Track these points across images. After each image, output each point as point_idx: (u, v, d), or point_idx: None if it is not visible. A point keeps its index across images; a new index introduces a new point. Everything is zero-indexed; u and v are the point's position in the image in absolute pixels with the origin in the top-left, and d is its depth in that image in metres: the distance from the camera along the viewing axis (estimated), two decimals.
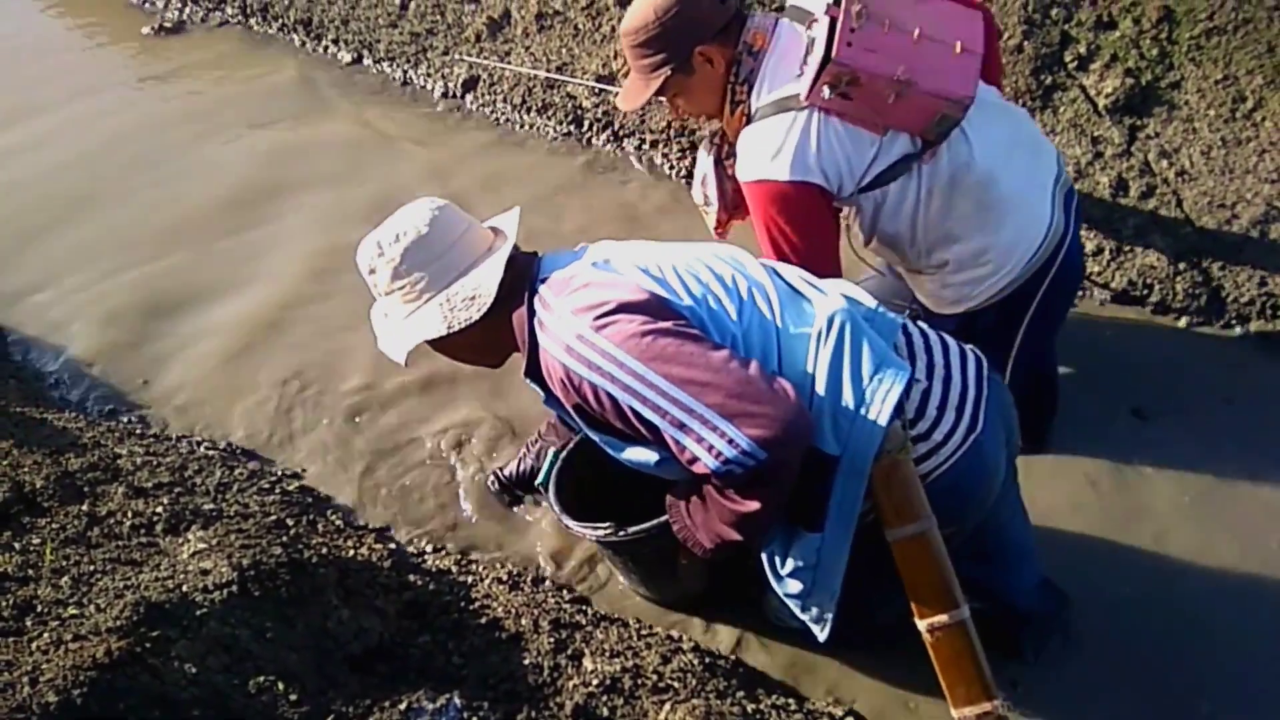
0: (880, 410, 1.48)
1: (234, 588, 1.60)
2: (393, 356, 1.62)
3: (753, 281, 1.62)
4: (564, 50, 3.77)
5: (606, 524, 1.83)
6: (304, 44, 4.35)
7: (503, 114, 3.81)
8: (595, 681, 1.67)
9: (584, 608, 2.00)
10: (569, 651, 1.78)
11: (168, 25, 4.52)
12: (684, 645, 1.88)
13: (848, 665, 1.92)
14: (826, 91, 1.89)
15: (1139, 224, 2.80)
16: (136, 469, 2.20)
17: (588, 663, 1.74)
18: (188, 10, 4.63)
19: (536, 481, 2.02)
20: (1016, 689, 1.89)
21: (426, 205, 1.64)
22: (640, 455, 1.60)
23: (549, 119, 3.71)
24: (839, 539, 1.57)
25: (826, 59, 1.85)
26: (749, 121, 2.04)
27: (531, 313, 1.57)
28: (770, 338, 1.55)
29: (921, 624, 1.52)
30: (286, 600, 1.64)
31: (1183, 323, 2.71)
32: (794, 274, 1.68)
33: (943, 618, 1.49)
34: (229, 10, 4.56)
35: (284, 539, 1.80)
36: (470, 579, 2.06)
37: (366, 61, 4.19)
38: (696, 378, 1.42)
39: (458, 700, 1.55)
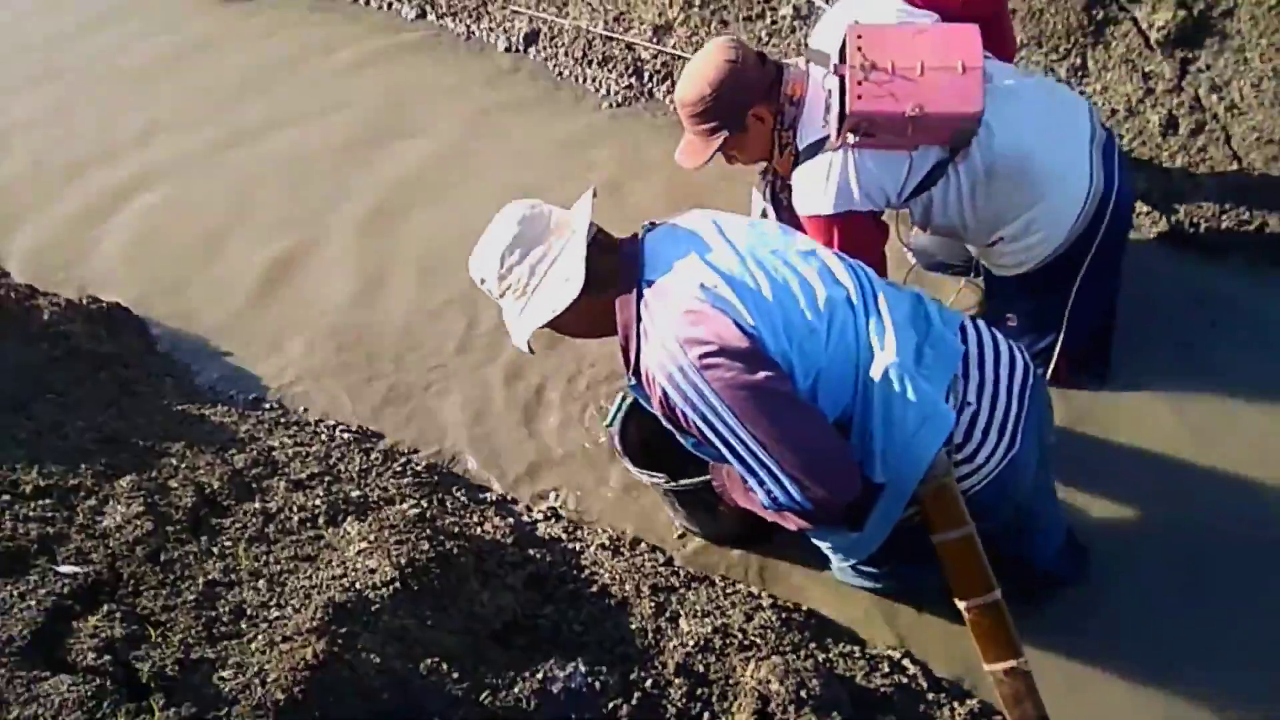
0: (922, 456, 1.74)
1: (397, 584, 1.98)
2: (519, 346, 1.87)
3: (842, 304, 1.80)
4: (620, 0, 3.88)
5: (661, 474, 2.21)
6: (368, 2, 4.51)
7: (564, 67, 3.96)
8: (691, 642, 2.03)
9: (676, 569, 2.36)
10: (667, 614, 2.14)
11: None
12: (763, 602, 2.23)
13: (903, 614, 2.25)
14: (850, 137, 2.11)
15: (1187, 161, 2.89)
16: (290, 460, 2.60)
17: (684, 624, 2.11)
18: None
19: (604, 423, 2.39)
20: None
21: (512, 212, 1.85)
22: (706, 452, 1.91)
23: (609, 71, 3.85)
24: (874, 537, 1.89)
25: (843, 114, 2.05)
26: (797, 160, 2.26)
27: (637, 316, 1.77)
28: (848, 373, 1.77)
29: (960, 603, 1.83)
30: (439, 590, 2.02)
31: (1229, 262, 2.84)
32: (874, 300, 1.83)
33: (978, 600, 1.79)
34: None
35: (428, 532, 2.16)
36: (578, 545, 2.43)
37: (431, 16, 4.34)
38: (775, 438, 1.67)
39: (582, 667, 1.92)
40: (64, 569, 2.00)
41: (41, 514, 2.18)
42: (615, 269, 1.81)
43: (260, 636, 1.86)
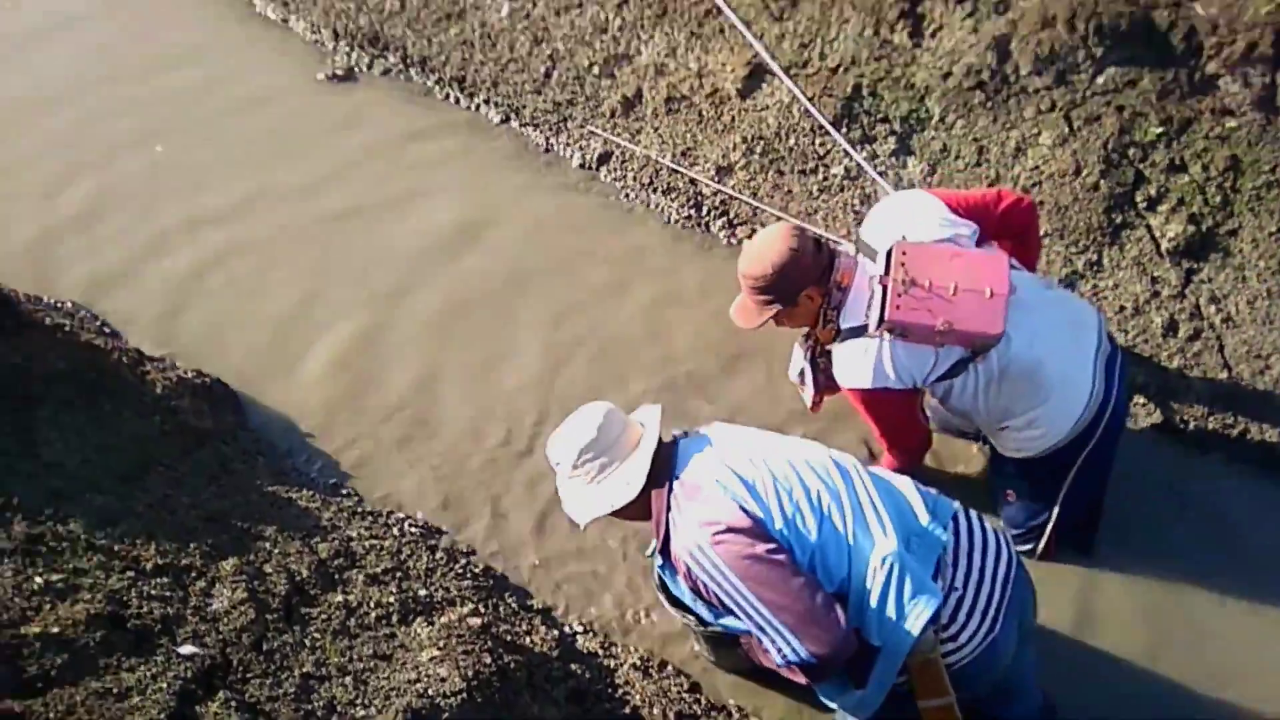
0: (914, 624, 2.11)
1: (464, 694, 2.33)
2: (577, 521, 2.35)
3: (834, 498, 2.23)
4: (689, 135, 4.27)
5: (692, 617, 2.56)
6: (458, 100, 4.92)
7: (631, 190, 4.34)
8: None
9: (698, 696, 2.70)
10: None
11: (339, 73, 5.13)
12: None
13: None
14: (887, 336, 2.47)
15: (1183, 363, 3.23)
16: (366, 553, 2.95)
17: None
18: (355, 56, 5.22)
19: (646, 553, 2.79)
20: None
21: (594, 414, 2.32)
22: (729, 623, 2.31)
23: (671, 200, 4.23)
24: (876, 695, 2.24)
25: (882, 316, 2.42)
26: (837, 334, 2.63)
27: (668, 506, 2.23)
28: (843, 556, 2.18)
29: None
30: (498, 703, 2.37)
31: (1214, 459, 3.17)
32: (865, 494, 2.27)
33: None
34: (390, 59, 5.14)
35: (489, 644, 2.51)
36: (613, 663, 2.78)
37: (514, 124, 4.74)
38: (777, 599, 2.09)
39: None
40: (184, 650, 2.35)
41: (161, 593, 2.54)
42: (658, 472, 2.23)
43: None
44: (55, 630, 2.25)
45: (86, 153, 4.76)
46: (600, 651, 2.83)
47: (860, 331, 2.58)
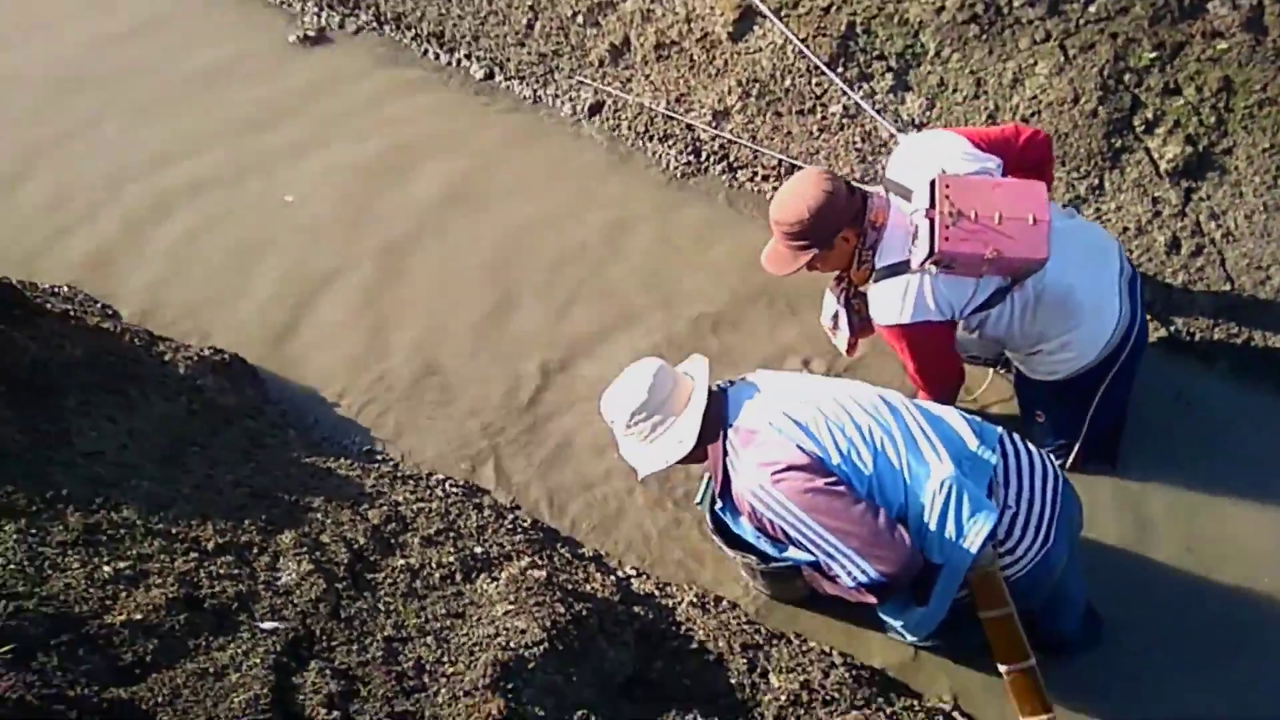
0: (973, 541, 2.22)
1: (545, 644, 2.39)
2: (638, 472, 2.43)
3: (886, 432, 2.32)
4: (681, 81, 4.26)
5: (751, 555, 2.64)
6: (438, 56, 4.84)
7: (627, 139, 4.34)
8: (783, 697, 2.47)
9: (759, 626, 2.80)
10: (758, 670, 2.58)
11: (311, 34, 5.00)
12: (835, 660, 2.68)
13: (953, 672, 2.72)
14: (932, 269, 2.54)
15: (1186, 279, 3.37)
16: (415, 516, 2.99)
17: (774, 679, 2.55)
18: (324, 15, 5.08)
19: (694, 502, 2.88)
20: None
21: (643, 374, 2.40)
22: (794, 554, 2.41)
23: (670, 148, 4.24)
24: (939, 609, 2.36)
25: (931, 250, 2.48)
26: (872, 275, 2.69)
27: (725, 452, 2.32)
28: (899, 485, 2.28)
29: (1002, 668, 2.31)
30: (576, 649, 2.44)
31: (1216, 369, 3.33)
32: (915, 426, 2.35)
33: (1017, 666, 2.28)
34: (363, 17, 5.02)
35: (559, 594, 2.58)
36: (670, 603, 2.86)
37: (499, 78, 4.68)
38: (842, 526, 2.19)
39: (699, 718, 2.36)
40: (266, 625, 2.38)
41: (229, 571, 2.56)
42: (711, 424, 2.30)
43: (443, 691, 2.26)
44: (138, 617, 2.26)
45: (48, 133, 4.61)
46: (657, 592, 2.91)
47: (898, 269, 2.64)
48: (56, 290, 3.91)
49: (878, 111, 3.81)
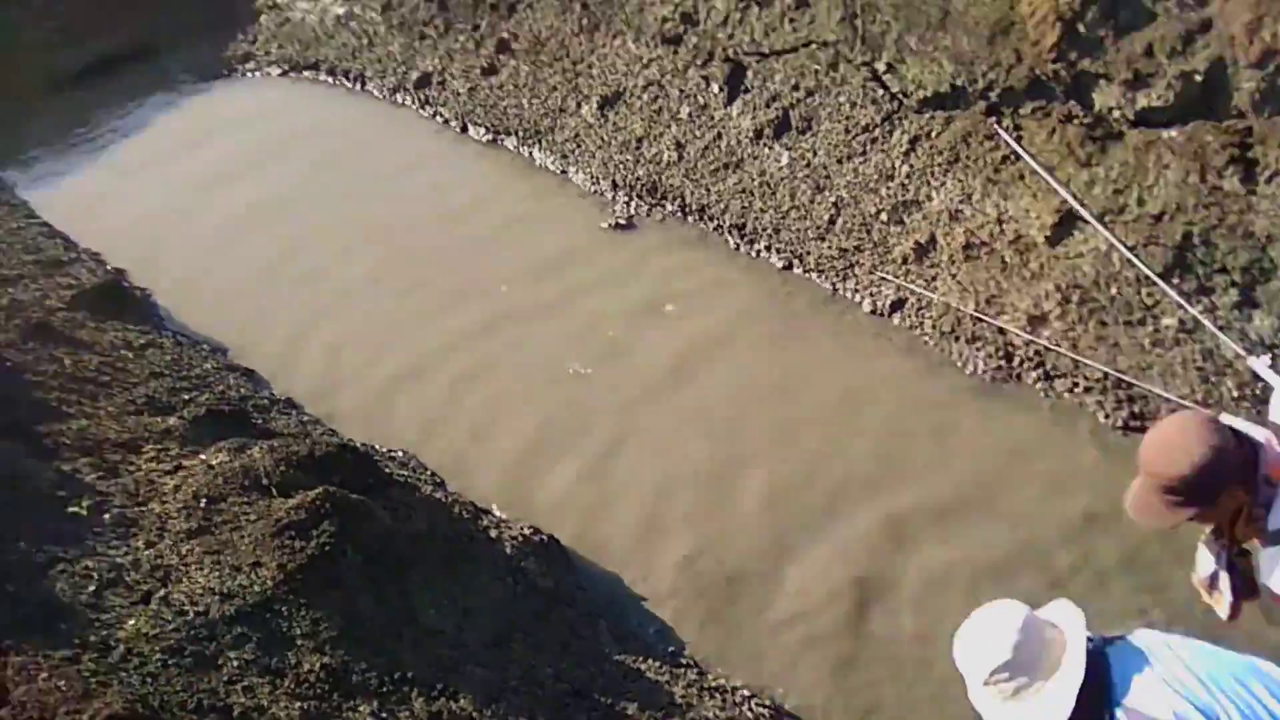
0: None
1: None
2: None
3: None
4: (991, 282, 4.20)
5: None
6: (737, 246, 5.06)
7: (931, 338, 4.30)
8: None
9: None
10: None
11: (622, 221, 5.40)
12: None
13: None
14: None
15: None
16: None
17: None
18: (634, 205, 5.49)
19: None
20: None
21: (1008, 626, 2.17)
22: None
23: (977, 350, 4.15)
24: None
25: None
26: (1263, 535, 2.44)
27: None
28: None
29: None
30: None
31: None
32: None
33: None
34: (669, 207, 5.37)
35: None
36: None
37: (797, 270, 4.82)
38: None
39: None
40: None
41: None
42: (1091, 700, 2.09)
43: None
44: None
45: (405, 313, 5.21)
46: None
47: None
48: (393, 454, 4.32)
49: (1220, 328, 3.56)
